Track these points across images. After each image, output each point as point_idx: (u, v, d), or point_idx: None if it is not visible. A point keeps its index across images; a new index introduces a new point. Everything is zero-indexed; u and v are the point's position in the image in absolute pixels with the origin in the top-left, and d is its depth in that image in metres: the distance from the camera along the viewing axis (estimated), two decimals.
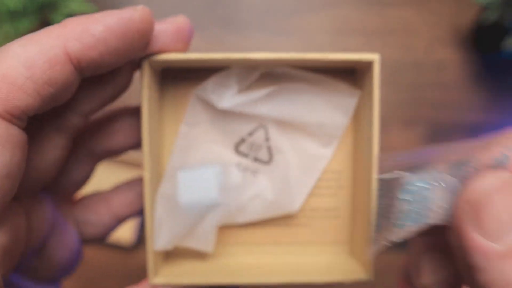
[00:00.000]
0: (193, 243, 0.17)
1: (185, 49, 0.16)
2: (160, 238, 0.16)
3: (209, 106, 0.17)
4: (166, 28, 0.16)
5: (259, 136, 0.17)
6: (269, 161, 0.17)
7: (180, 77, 0.18)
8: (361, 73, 0.16)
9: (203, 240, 0.16)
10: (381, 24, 0.49)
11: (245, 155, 0.17)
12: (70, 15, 0.42)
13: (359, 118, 0.17)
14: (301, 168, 0.17)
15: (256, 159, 0.17)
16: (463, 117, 0.48)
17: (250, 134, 0.17)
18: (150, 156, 0.16)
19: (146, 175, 0.16)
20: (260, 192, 0.17)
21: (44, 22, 0.36)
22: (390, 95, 0.47)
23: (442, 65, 0.48)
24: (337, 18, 0.48)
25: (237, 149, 0.17)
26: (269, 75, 0.17)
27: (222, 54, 0.15)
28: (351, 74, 0.17)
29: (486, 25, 0.43)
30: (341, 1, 0.49)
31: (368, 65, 0.15)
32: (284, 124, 0.17)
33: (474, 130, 0.48)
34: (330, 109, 0.17)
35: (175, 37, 0.16)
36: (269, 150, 0.17)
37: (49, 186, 0.17)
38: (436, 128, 0.47)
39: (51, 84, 0.13)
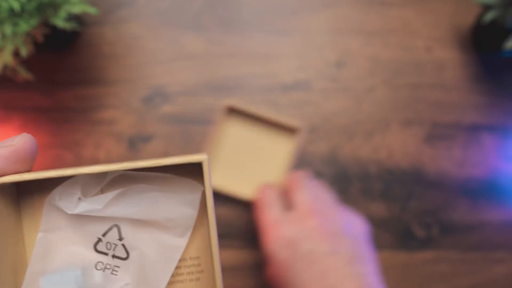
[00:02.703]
0: None
1: (28, 167, 0.17)
2: None
3: (64, 212, 0.18)
4: (1, 154, 0.16)
5: (113, 235, 0.18)
6: (126, 257, 0.18)
7: (36, 187, 0.19)
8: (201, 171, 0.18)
9: None
10: (381, 24, 0.49)
11: (104, 253, 0.18)
12: (70, 15, 0.42)
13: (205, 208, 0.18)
14: (158, 260, 0.18)
15: (114, 256, 0.18)
16: (463, 117, 0.48)
17: (104, 234, 0.18)
18: (4, 272, 0.17)
19: None
20: (123, 287, 0.18)
21: (44, 22, 0.37)
22: (390, 95, 0.47)
23: (442, 65, 0.48)
24: (337, 18, 0.48)
25: (96, 248, 0.18)
26: (119, 177, 0.18)
27: (59, 172, 0.16)
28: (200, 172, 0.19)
29: (486, 25, 0.43)
30: (341, 1, 0.49)
31: (200, 165, 0.17)
32: (136, 221, 0.18)
33: (474, 130, 0.48)
34: (177, 204, 0.18)
35: (13, 160, 0.17)
36: (124, 247, 0.18)
37: None
38: (436, 128, 0.47)
39: None
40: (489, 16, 0.41)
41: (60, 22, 0.36)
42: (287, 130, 0.46)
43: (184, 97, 0.46)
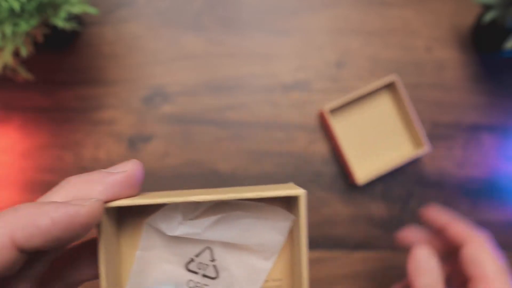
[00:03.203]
0: None
1: (137, 192, 0.19)
2: None
3: (161, 233, 0.20)
4: (117, 179, 0.17)
5: (206, 256, 0.20)
6: (216, 277, 0.20)
7: (136, 210, 0.20)
8: (294, 201, 0.19)
9: None
10: (381, 24, 0.48)
11: (195, 272, 0.20)
12: (70, 15, 0.42)
13: (293, 236, 0.20)
14: (245, 280, 0.20)
15: (204, 276, 0.20)
16: (463, 117, 0.48)
17: (197, 255, 0.20)
18: (108, 286, 0.18)
19: None
20: None
21: (44, 22, 0.37)
22: None
23: (442, 65, 0.48)
24: (337, 18, 0.48)
25: (187, 267, 0.20)
26: (214, 204, 0.20)
27: (167, 198, 0.18)
28: (288, 199, 0.20)
29: (486, 25, 0.43)
30: (341, 1, 0.48)
31: (296, 198, 0.18)
32: (228, 244, 0.20)
33: (474, 130, 0.48)
34: (268, 231, 0.20)
35: (126, 186, 0.18)
36: (215, 268, 0.20)
37: None
38: (436, 128, 0.47)
39: None
40: (489, 16, 0.41)
41: (60, 22, 0.35)
42: (384, 89, 0.47)
43: (184, 97, 0.46)
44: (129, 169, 0.18)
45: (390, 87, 0.46)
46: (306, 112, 0.47)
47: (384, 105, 0.47)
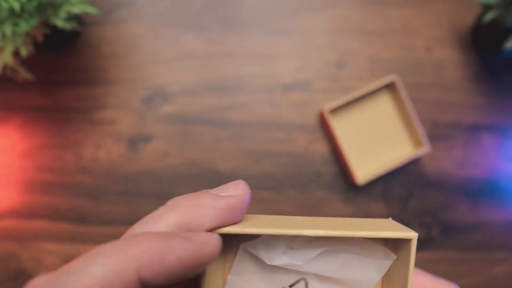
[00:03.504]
0: None
1: (243, 217, 0.17)
2: None
3: (255, 258, 0.19)
4: (229, 205, 0.16)
5: (300, 287, 0.19)
6: None
7: (229, 235, 0.20)
8: (397, 240, 0.19)
9: None
10: (381, 24, 0.48)
11: None
12: (70, 15, 0.42)
13: (390, 273, 0.19)
14: None
15: None
16: (463, 117, 0.48)
17: (291, 286, 0.19)
18: None
19: None
20: None
21: (44, 22, 0.37)
22: None
23: (442, 65, 0.48)
24: (337, 18, 0.48)
25: None
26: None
27: (280, 230, 0.17)
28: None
29: (486, 25, 0.43)
30: (341, 1, 0.48)
31: (407, 241, 0.18)
32: (323, 278, 0.19)
33: (474, 130, 0.48)
34: (365, 267, 0.19)
35: (238, 212, 0.17)
36: None
37: None
38: (436, 128, 0.47)
39: None
40: (489, 16, 0.41)
41: (60, 22, 0.35)
42: (384, 89, 0.46)
43: (184, 97, 0.46)
44: (241, 193, 0.17)
45: (390, 87, 0.46)
46: (306, 112, 0.47)
47: (384, 105, 0.47)
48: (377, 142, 0.46)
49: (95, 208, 0.45)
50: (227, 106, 0.46)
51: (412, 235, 0.17)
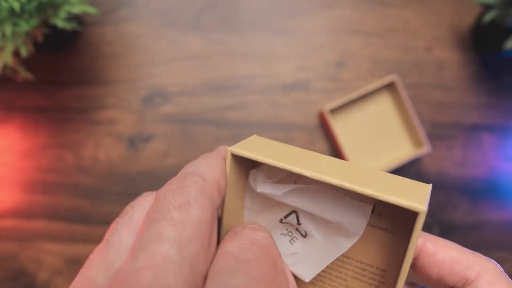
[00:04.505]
0: None
1: None
2: None
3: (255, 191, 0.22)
4: None
5: (293, 219, 0.21)
6: (305, 236, 0.21)
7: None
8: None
9: None
10: (381, 24, 0.48)
11: (286, 228, 0.21)
12: (70, 15, 0.42)
13: (402, 235, 0.20)
14: (322, 250, 0.21)
15: (296, 230, 0.21)
16: (463, 117, 0.48)
17: (286, 217, 0.21)
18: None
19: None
20: (292, 253, 0.21)
21: (44, 22, 0.37)
22: None
23: (442, 65, 0.48)
24: (337, 18, 0.48)
25: (281, 221, 0.21)
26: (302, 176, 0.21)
27: (311, 172, 0.18)
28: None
29: (486, 25, 0.43)
30: (341, 1, 0.48)
31: (414, 213, 0.18)
32: (312, 215, 0.21)
33: (474, 130, 0.48)
34: (349, 210, 0.20)
35: None
36: (299, 231, 0.21)
37: None
38: (436, 128, 0.47)
39: None
40: (489, 16, 0.41)
41: (60, 22, 0.35)
42: (384, 89, 0.47)
43: (184, 97, 0.46)
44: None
45: (390, 87, 0.46)
46: (306, 112, 0.47)
47: (384, 105, 0.47)
48: (377, 142, 0.46)
49: (95, 208, 0.45)
50: (227, 106, 0.46)
51: (420, 208, 0.16)
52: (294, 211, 0.21)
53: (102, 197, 0.45)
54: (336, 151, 0.46)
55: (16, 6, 0.32)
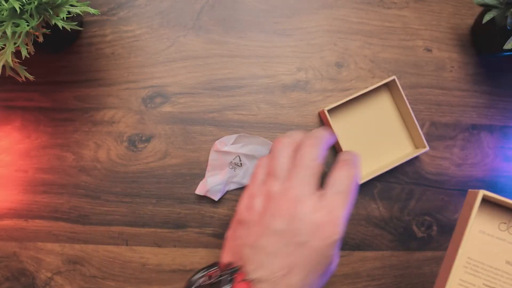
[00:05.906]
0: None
1: None
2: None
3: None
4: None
5: (237, 160, 0.44)
6: (241, 166, 0.44)
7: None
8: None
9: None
10: (381, 24, 0.49)
11: (233, 165, 0.44)
12: (70, 15, 0.42)
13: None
14: (250, 170, 0.45)
15: (238, 164, 0.45)
16: (463, 117, 0.48)
17: (234, 159, 0.44)
18: None
19: None
20: (236, 175, 0.45)
21: (44, 22, 0.36)
22: None
23: (442, 65, 0.48)
24: (337, 18, 0.48)
25: (229, 164, 0.45)
26: (242, 136, 0.45)
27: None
28: None
29: (486, 25, 0.43)
30: (341, 1, 0.49)
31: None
32: (247, 155, 0.44)
33: (474, 130, 0.48)
34: (264, 149, 0.45)
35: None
36: (241, 164, 0.44)
37: None
38: (436, 128, 0.47)
39: None
40: (489, 16, 0.41)
41: (60, 22, 0.36)
42: (384, 89, 0.46)
43: (184, 97, 0.46)
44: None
45: (390, 87, 0.47)
46: (306, 112, 0.47)
47: (383, 105, 0.47)
48: (376, 142, 0.46)
49: (95, 208, 0.45)
50: (227, 106, 0.46)
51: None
52: (237, 156, 0.44)
53: (102, 197, 0.45)
54: (335, 151, 0.46)
55: (17, 6, 0.32)
